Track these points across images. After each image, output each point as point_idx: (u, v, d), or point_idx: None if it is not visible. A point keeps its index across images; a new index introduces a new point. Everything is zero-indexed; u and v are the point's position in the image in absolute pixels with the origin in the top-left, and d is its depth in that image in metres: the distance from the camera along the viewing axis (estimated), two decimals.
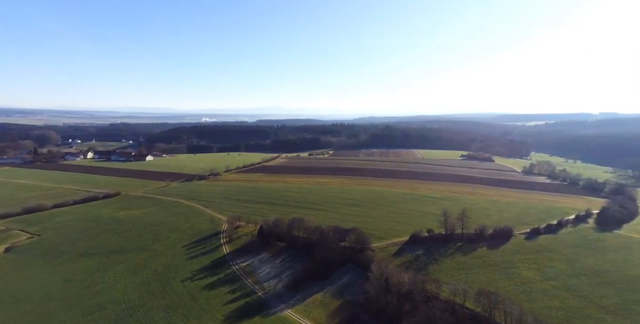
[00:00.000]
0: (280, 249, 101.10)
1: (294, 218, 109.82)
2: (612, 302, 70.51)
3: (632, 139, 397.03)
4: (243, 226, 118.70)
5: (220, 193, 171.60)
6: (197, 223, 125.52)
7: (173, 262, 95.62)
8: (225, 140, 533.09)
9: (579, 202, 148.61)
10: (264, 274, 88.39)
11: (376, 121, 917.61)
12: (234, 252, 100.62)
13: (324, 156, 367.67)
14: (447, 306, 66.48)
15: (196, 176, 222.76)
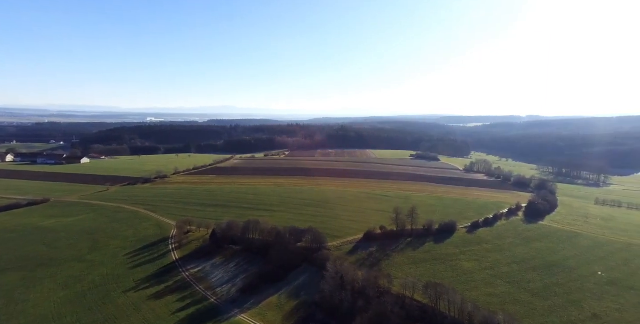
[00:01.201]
0: (235, 252, 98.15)
1: (249, 220, 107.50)
2: (537, 286, 79.32)
3: (553, 140, 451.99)
4: (194, 230, 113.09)
5: (168, 197, 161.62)
6: (142, 229, 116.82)
7: (114, 272, 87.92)
8: (174, 141, 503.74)
9: (510, 197, 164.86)
10: (217, 279, 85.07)
11: (331, 122, 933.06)
12: (184, 258, 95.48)
13: (280, 156, 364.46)
14: (398, 299, 69.64)
15: (141, 179, 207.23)
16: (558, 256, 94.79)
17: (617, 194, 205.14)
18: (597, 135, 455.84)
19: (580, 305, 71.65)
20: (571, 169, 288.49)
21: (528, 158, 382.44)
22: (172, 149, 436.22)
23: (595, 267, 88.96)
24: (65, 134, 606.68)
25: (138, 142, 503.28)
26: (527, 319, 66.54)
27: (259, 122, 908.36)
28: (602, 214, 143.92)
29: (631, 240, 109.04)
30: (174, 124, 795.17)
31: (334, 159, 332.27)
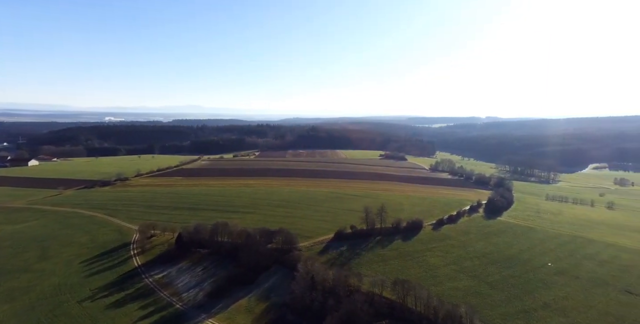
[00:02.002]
0: (202, 256, 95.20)
1: (218, 223, 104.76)
2: (495, 278, 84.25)
3: (510, 140, 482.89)
4: (158, 234, 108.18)
5: (129, 200, 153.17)
6: (100, 235, 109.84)
7: (67, 281, 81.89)
8: (136, 141, 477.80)
9: (472, 194, 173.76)
10: (183, 284, 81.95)
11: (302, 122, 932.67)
12: (148, 263, 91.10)
13: (249, 157, 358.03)
14: (368, 297, 70.94)
15: (99, 182, 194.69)
16: (514, 250, 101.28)
17: (564, 190, 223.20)
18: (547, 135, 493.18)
19: (532, 295, 77.02)
20: (525, 167, 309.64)
21: (488, 157, 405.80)
22: (134, 150, 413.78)
23: (545, 258, 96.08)
24: (9, 135, 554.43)
25: (95, 143, 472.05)
26: (486, 310, 70.42)
27: (227, 122, 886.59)
28: (552, 209, 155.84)
29: (576, 233, 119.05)
30: (135, 124, 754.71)
31: (304, 160, 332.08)
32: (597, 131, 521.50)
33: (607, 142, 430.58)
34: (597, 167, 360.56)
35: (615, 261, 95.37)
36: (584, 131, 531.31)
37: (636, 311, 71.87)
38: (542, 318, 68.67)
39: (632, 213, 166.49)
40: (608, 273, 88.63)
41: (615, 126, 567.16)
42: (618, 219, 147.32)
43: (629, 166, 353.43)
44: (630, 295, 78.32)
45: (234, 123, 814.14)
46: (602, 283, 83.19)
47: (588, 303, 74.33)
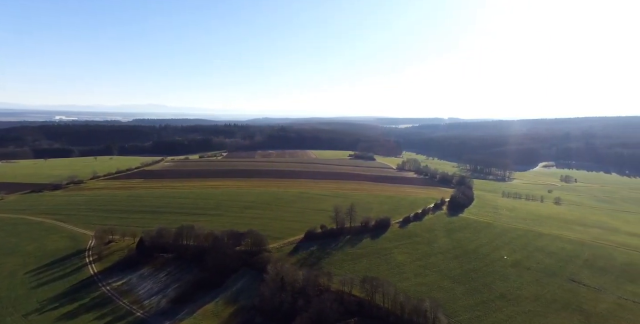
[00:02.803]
0: (166, 261, 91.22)
1: (183, 226, 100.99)
2: (457, 272, 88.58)
3: (470, 140, 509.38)
4: (117, 240, 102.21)
5: (84, 204, 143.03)
6: (50, 242, 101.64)
7: (10, 294, 75.06)
8: (91, 142, 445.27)
9: (436, 192, 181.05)
10: (145, 291, 78.00)
11: (271, 122, 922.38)
12: (105, 271, 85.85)
13: (216, 158, 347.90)
14: (337, 296, 71.65)
15: (48, 185, 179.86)
16: (474, 245, 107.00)
17: (518, 187, 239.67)
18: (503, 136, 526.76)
19: (490, 287, 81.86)
20: (484, 166, 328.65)
21: (450, 156, 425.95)
22: (90, 152, 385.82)
23: (502, 252, 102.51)
24: None
25: (44, 144, 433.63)
26: (449, 304, 73.77)
27: (192, 122, 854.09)
28: (507, 205, 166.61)
29: (528, 227, 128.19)
30: (90, 123, 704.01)
31: (274, 160, 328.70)
32: (546, 131, 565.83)
33: (554, 142, 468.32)
34: (546, 165, 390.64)
35: (562, 252, 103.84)
36: (535, 131, 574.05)
37: (579, 298, 78.71)
38: (498, 308, 73.14)
39: (576, 208, 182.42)
40: (555, 263, 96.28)
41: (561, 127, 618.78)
42: (564, 214, 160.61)
43: (573, 164, 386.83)
44: (574, 283, 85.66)
45: (200, 123, 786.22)
46: (550, 273, 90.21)
47: (538, 292, 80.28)
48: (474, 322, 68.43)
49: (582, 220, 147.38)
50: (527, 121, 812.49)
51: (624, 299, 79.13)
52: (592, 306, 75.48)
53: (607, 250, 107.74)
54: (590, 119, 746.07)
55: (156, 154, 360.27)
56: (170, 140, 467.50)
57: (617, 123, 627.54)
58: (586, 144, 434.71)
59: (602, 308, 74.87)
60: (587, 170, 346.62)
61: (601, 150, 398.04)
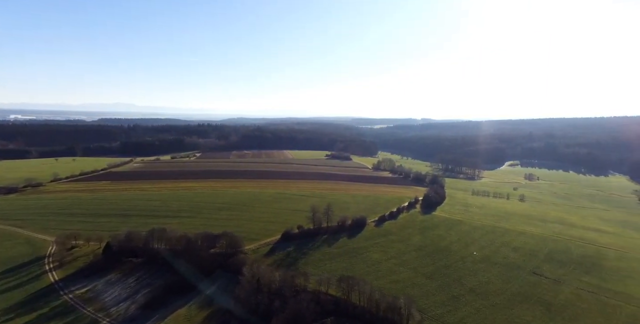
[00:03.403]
0: (136, 265, 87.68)
1: (154, 229, 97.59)
2: (430, 269, 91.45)
3: (443, 140, 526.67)
4: (81, 245, 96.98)
5: (43, 208, 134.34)
6: (4, 249, 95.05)
7: None
8: (52, 143, 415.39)
9: (411, 191, 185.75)
10: (112, 298, 74.50)
11: (246, 122, 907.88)
12: (68, 278, 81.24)
13: (190, 158, 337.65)
14: (314, 296, 71.81)
15: (2, 189, 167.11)
16: (446, 242, 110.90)
17: (486, 185, 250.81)
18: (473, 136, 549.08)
19: (461, 282, 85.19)
20: (455, 165, 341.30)
21: (423, 156, 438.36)
22: (50, 153, 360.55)
23: (472, 248, 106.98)
24: None
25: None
26: (422, 299, 76.03)
27: (164, 121, 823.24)
28: (477, 203, 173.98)
29: (496, 223, 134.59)
30: (50, 122, 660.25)
31: (250, 161, 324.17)
32: (511, 132, 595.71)
33: (519, 142, 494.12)
34: (511, 164, 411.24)
35: (525, 247, 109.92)
36: (502, 132, 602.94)
37: (540, 290, 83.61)
38: (468, 303, 76.25)
39: (538, 204, 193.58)
40: (520, 257, 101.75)
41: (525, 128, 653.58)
42: (527, 210, 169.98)
43: (536, 162, 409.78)
44: (536, 276, 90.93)
45: (172, 123, 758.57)
46: (515, 267, 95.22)
47: (504, 286, 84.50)
48: (446, 316, 70.91)
49: (544, 216, 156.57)
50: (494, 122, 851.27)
51: (580, 289, 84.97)
52: (552, 297, 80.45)
53: (565, 244, 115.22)
54: (550, 120, 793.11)
55: (124, 155, 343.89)
56: (139, 140, 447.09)
57: (574, 124, 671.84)
58: (547, 144, 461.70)
59: (561, 299, 79.99)
60: (548, 168, 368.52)
61: (560, 149, 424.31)
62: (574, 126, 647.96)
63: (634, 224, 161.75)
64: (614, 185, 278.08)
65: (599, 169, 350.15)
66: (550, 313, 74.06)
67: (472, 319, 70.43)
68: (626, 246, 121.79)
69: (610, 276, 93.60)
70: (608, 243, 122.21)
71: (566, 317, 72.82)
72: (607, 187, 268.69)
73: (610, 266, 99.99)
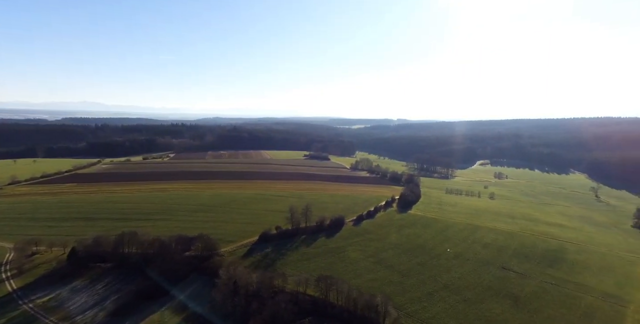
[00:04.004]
0: (104, 271, 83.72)
1: (124, 233, 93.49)
2: (406, 267, 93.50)
3: (418, 140, 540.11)
4: (43, 251, 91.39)
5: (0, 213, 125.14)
6: None
7: None
8: (9, 143, 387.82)
9: (387, 191, 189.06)
10: (77, 305, 70.65)
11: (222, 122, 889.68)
12: (28, 286, 76.37)
13: (163, 159, 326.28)
14: (292, 296, 71.45)
15: None
16: (422, 239, 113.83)
17: (459, 184, 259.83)
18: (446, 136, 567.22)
19: (435, 278, 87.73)
20: (430, 164, 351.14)
21: (400, 156, 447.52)
22: (6, 154, 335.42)
23: (446, 245, 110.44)
24: None
25: None
26: (398, 297, 77.58)
27: (135, 121, 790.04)
28: (451, 201, 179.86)
29: (468, 221, 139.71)
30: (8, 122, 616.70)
31: (226, 161, 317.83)
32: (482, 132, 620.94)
33: (489, 142, 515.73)
34: (482, 163, 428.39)
35: (495, 243, 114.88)
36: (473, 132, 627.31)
37: (509, 284, 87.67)
38: (442, 298, 78.64)
39: (507, 201, 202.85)
40: (490, 253, 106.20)
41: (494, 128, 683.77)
42: (497, 207, 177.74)
43: (504, 161, 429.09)
44: (505, 271, 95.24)
45: (143, 122, 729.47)
46: (485, 262, 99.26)
47: (476, 281, 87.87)
48: (421, 313, 72.74)
49: (512, 213, 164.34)
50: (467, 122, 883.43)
51: (544, 282, 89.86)
52: (519, 290, 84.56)
53: (531, 239, 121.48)
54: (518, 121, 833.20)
55: (92, 156, 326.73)
56: (108, 141, 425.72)
57: (539, 125, 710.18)
58: (515, 143, 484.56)
59: (527, 292, 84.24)
60: (515, 167, 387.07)
61: (527, 149, 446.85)
62: (539, 126, 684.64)
63: (591, 220, 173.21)
64: (574, 183, 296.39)
65: (561, 168, 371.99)
66: (517, 305, 77.79)
67: (446, 314, 72.70)
68: (585, 240, 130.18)
69: (571, 268, 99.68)
70: (569, 237, 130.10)
71: (532, 309, 76.76)
72: (568, 184, 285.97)
73: (571, 259, 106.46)
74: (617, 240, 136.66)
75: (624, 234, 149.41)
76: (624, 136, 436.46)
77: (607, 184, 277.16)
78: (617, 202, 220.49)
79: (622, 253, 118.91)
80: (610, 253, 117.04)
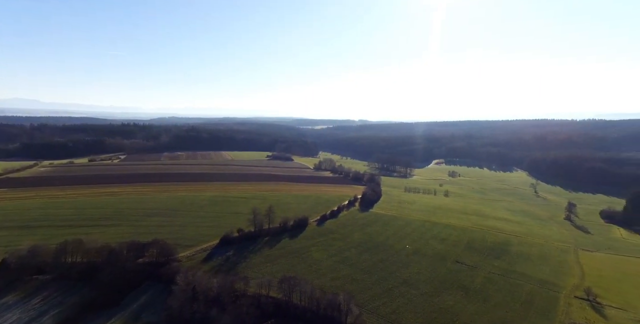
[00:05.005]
0: (43, 284, 76.11)
1: (67, 241, 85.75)
2: (368, 264, 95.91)
3: (379, 140, 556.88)
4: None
5: None
6: None
7: None
8: None
9: (350, 190, 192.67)
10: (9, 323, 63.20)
11: (179, 122, 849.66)
12: None
13: (112, 161, 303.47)
14: (254, 300, 70.04)
15: None
16: (383, 237, 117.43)
17: (417, 182, 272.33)
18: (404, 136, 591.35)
19: (395, 274, 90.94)
20: (390, 164, 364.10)
21: (361, 156, 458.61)
22: None
23: (405, 242, 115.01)
24: None
25: None
26: (360, 294, 79.29)
27: (79, 120, 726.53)
28: (409, 199, 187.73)
29: (425, 218, 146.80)
30: None
31: (184, 162, 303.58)
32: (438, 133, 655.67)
33: (444, 142, 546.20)
34: (438, 162, 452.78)
35: (450, 238, 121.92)
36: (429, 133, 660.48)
37: (460, 276, 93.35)
38: (401, 294, 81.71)
39: (460, 198, 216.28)
40: (445, 248, 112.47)
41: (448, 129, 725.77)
42: (451, 204, 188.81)
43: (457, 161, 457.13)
44: (458, 264, 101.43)
45: (89, 122, 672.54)
46: (441, 257, 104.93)
47: (432, 275, 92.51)
48: (381, 308, 74.95)
49: (464, 209, 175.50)
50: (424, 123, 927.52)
51: (492, 273, 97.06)
52: (470, 282, 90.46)
53: (481, 233, 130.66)
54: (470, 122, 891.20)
55: (27, 158, 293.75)
56: (47, 141, 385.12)
57: (489, 126, 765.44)
58: (467, 144, 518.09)
59: (477, 283, 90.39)
60: (467, 166, 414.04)
61: (477, 148, 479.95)
62: (488, 127, 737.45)
63: (531, 214, 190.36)
64: (517, 180, 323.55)
65: (506, 166, 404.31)
66: (468, 296, 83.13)
67: (405, 308, 75.59)
68: (526, 232, 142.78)
69: (515, 259, 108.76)
70: (513, 230, 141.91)
71: (481, 299, 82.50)
72: (512, 181, 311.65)
73: (515, 250, 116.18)
74: (552, 232, 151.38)
75: (558, 226, 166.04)
76: (555, 137, 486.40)
77: (544, 181, 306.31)
78: (552, 197, 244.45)
79: (556, 243, 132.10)
80: (546, 243, 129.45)
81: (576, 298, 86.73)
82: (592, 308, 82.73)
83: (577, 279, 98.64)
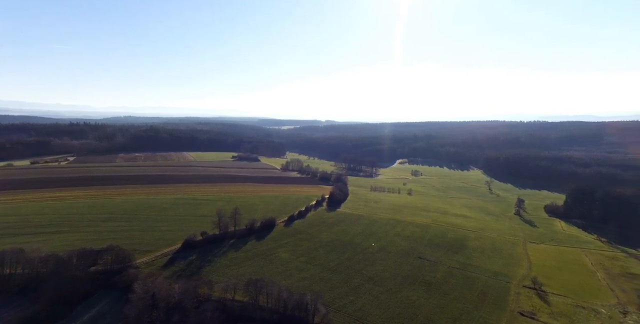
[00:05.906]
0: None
1: (4, 251, 77.63)
2: (335, 263, 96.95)
3: (345, 141, 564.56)
4: None
5: None
6: None
7: None
8: None
9: (318, 190, 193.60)
10: None
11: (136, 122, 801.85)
12: None
13: (59, 163, 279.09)
14: (219, 304, 67.91)
15: None
16: (349, 236, 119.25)
17: (382, 182, 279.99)
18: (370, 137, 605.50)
19: (362, 272, 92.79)
20: (356, 164, 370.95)
21: (329, 156, 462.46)
22: None
23: (371, 240, 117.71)
24: None
25: None
26: (328, 293, 79.92)
27: (19, 119, 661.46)
28: (375, 198, 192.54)
29: (390, 216, 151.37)
30: None
31: (142, 164, 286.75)
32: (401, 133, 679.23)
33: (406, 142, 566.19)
34: (401, 162, 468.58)
35: (413, 235, 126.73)
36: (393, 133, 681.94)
37: (423, 271, 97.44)
38: (367, 291, 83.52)
39: (422, 197, 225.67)
40: (408, 245, 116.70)
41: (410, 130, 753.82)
42: (414, 202, 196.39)
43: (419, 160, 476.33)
44: (421, 260, 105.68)
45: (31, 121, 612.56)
46: (405, 254, 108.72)
47: (396, 272, 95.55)
48: (348, 306, 76.05)
49: (426, 207, 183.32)
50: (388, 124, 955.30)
51: (452, 267, 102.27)
52: (431, 276, 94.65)
53: (441, 230, 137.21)
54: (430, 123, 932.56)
55: None
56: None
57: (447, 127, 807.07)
58: (428, 143, 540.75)
59: (438, 277, 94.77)
60: (429, 165, 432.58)
61: (437, 148, 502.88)
62: (446, 128, 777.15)
63: (486, 210, 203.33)
64: (473, 178, 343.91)
65: (464, 165, 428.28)
66: (430, 290, 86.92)
67: (370, 305, 77.31)
68: (482, 227, 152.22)
69: (472, 253, 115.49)
70: (470, 226, 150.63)
71: (441, 292, 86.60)
72: (469, 180, 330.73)
73: (472, 245, 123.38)
74: (504, 226, 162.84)
75: (509, 221, 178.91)
76: (506, 137, 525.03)
77: (497, 179, 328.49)
78: (504, 194, 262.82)
79: (508, 236, 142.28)
80: (499, 237, 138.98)
81: (524, 287, 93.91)
82: (537, 296, 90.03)
83: (525, 269, 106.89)
